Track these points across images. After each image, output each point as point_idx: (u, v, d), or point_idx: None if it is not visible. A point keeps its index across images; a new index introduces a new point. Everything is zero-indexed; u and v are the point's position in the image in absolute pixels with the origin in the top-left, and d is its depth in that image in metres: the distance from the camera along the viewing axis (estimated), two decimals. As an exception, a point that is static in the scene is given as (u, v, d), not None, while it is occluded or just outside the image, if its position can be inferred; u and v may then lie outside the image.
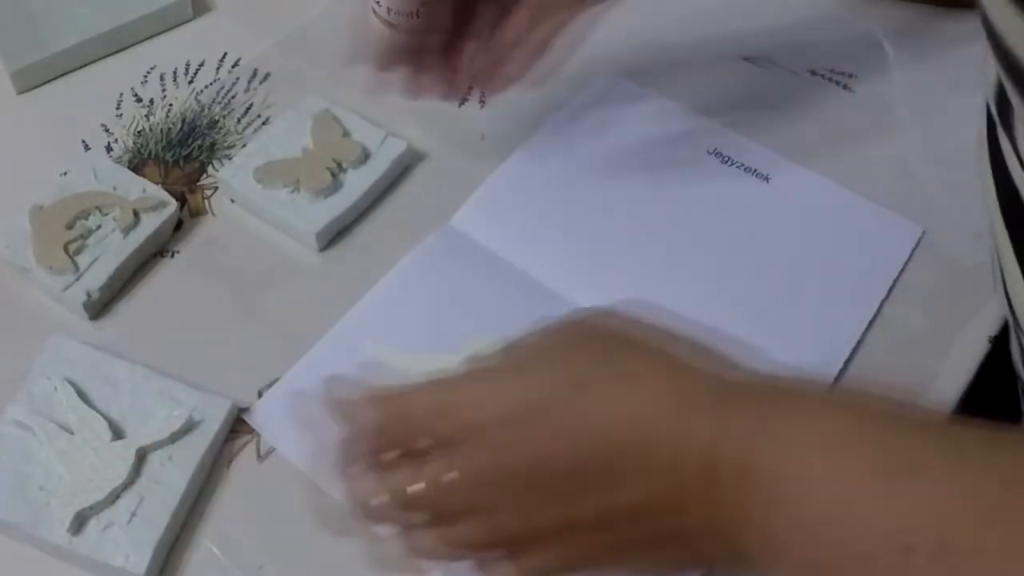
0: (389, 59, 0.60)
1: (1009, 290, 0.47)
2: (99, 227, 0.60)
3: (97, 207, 0.61)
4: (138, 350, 0.56)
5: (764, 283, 0.60)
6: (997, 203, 0.45)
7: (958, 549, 0.32)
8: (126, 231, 0.60)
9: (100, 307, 0.59)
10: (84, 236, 0.60)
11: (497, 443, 0.39)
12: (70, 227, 0.60)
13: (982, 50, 0.47)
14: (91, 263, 0.59)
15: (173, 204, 0.61)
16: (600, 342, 0.41)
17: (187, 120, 0.67)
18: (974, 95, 0.48)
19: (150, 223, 0.60)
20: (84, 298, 0.57)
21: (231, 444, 0.54)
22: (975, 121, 0.48)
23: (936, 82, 0.69)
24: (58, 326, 0.58)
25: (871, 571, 0.34)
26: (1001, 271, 0.48)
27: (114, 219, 0.60)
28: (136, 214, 0.60)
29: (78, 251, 0.59)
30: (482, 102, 0.68)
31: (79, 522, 0.50)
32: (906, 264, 0.61)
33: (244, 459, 0.54)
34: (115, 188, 0.62)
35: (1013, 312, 0.48)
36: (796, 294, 0.59)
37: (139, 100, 0.69)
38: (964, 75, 0.69)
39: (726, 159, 0.65)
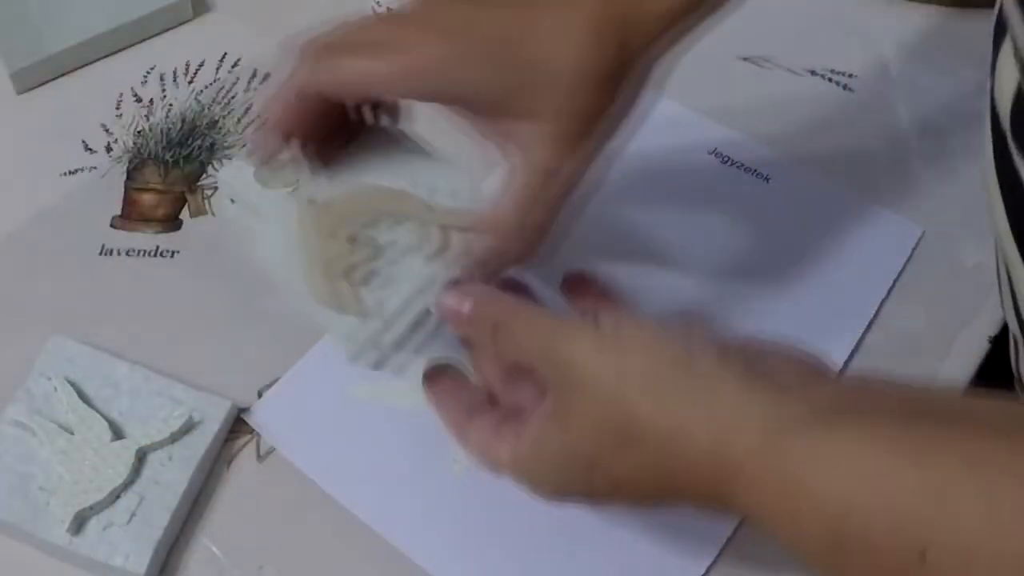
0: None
1: (1020, 306, 0.47)
2: (393, 244, 0.45)
3: (390, 214, 0.46)
4: (138, 350, 0.56)
5: (763, 283, 0.60)
6: (1007, 221, 0.45)
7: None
8: (432, 257, 0.45)
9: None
10: (373, 258, 0.44)
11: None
12: (352, 241, 0.44)
13: (985, 71, 0.47)
14: (386, 302, 0.44)
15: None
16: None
17: (187, 120, 0.67)
18: (974, 95, 0.48)
19: (463, 242, 0.46)
20: (375, 355, 0.45)
21: (231, 444, 0.54)
22: (980, 147, 0.48)
23: (936, 82, 0.69)
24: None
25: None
26: (1011, 288, 0.47)
27: (414, 234, 0.46)
28: (446, 233, 0.46)
29: (366, 280, 0.44)
30: (482, 102, 0.68)
31: (79, 522, 0.50)
32: (906, 264, 0.61)
33: (244, 459, 0.54)
34: (415, 185, 0.47)
35: (1022, 328, 0.48)
36: (795, 294, 0.59)
37: (139, 100, 0.69)
38: (964, 75, 0.69)
39: (726, 159, 0.65)
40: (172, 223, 0.63)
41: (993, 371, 0.58)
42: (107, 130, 0.67)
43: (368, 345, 0.44)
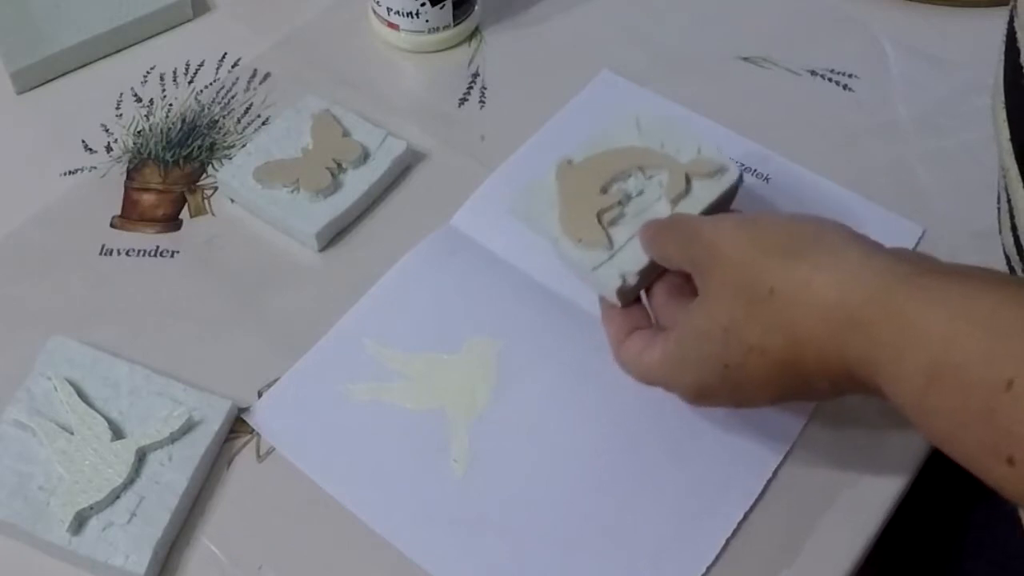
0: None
1: (1018, 226, 0.47)
2: (641, 193, 0.52)
3: (640, 167, 0.52)
4: (138, 350, 0.56)
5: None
6: (1011, 146, 0.46)
7: None
8: (675, 201, 0.52)
9: (628, 293, 0.51)
10: (623, 201, 0.51)
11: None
12: (605, 190, 0.52)
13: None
14: (628, 240, 0.51)
15: (735, 170, 0.53)
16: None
17: (187, 120, 0.67)
18: (974, 95, 0.48)
19: (704, 193, 0.52)
20: (619, 282, 0.51)
21: (231, 444, 0.54)
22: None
23: (936, 82, 0.69)
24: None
25: (978, 407, 0.37)
26: (1010, 210, 0.47)
27: (660, 183, 0.52)
28: (688, 180, 0.52)
29: (614, 221, 0.51)
30: (482, 102, 0.68)
31: (79, 522, 0.50)
32: (906, 264, 0.61)
33: (244, 459, 0.54)
34: (662, 145, 0.54)
35: (1020, 251, 0.48)
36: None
37: (139, 100, 0.69)
38: (964, 75, 0.69)
39: (726, 159, 0.65)
40: (172, 223, 0.63)
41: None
42: (107, 130, 0.67)
43: (607, 272, 0.51)
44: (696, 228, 0.48)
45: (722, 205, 0.54)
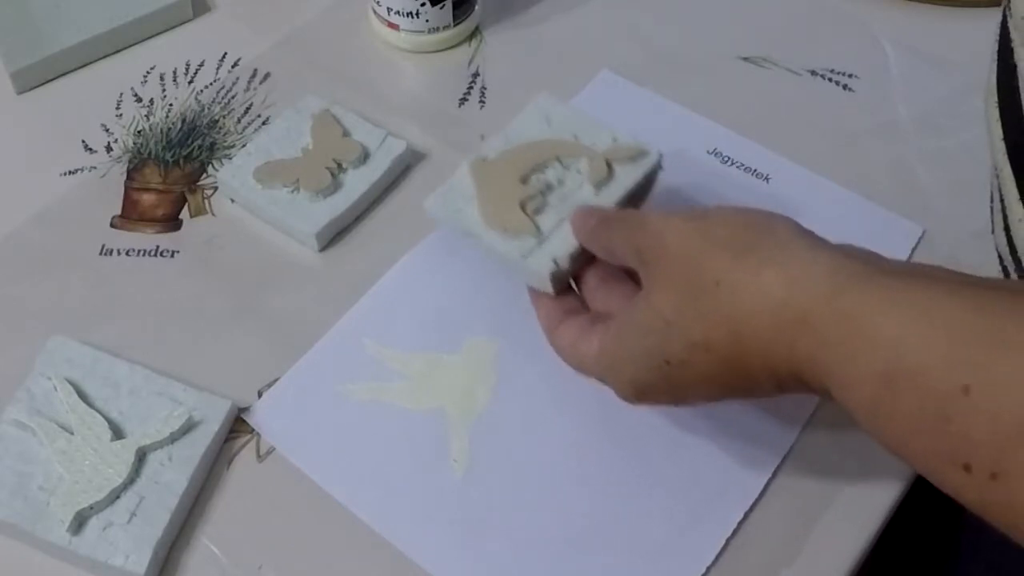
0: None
1: (1011, 226, 0.47)
2: (562, 183, 0.51)
3: (557, 157, 0.52)
4: (138, 350, 0.56)
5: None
6: (1004, 146, 0.46)
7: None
8: (598, 186, 0.51)
9: (561, 279, 0.51)
10: (545, 191, 0.51)
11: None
12: (524, 181, 0.51)
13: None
14: (558, 224, 0.50)
15: (655, 153, 0.53)
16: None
17: (187, 120, 0.67)
18: (974, 95, 0.48)
19: (626, 177, 0.51)
20: (552, 267, 0.50)
21: (231, 444, 0.54)
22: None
23: (936, 82, 0.69)
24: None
25: (933, 412, 0.36)
26: (1003, 209, 0.47)
27: (579, 172, 0.51)
28: (609, 166, 0.52)
29: (538, 210, 0.51)
30: (482, 102, 0.68)
31: (79, 522, 0.50)
32: (906, 264, 0.61)
33: (244, 459, 0.54)
34: (576, 136, 0.54)
35: (1013, 250, 0.48)
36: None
37: (139, 100, 0.69)
38: (964, 75, 0.69)
39: (726, 159, 0.65)
40: (172, 223, 0.63)
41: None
42: (107, 130, 0.67)
43: (538, 259, 0.50)
44: (643, 220, 0.47)
45: (644, 188, 0.53)
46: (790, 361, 0.41)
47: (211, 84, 0.69)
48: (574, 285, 0.53)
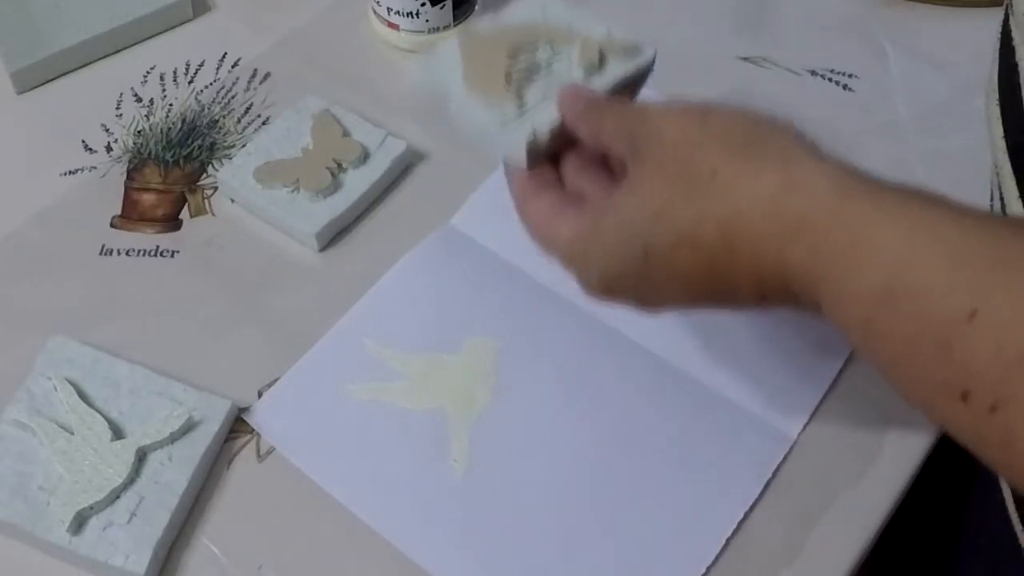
0: None
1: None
2: (551, 64, 0.49)
3: (549, 41, 0.50)
4: (138, 350, 0.56)
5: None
6: (1004, 144, 0.46)
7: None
8: (588, 72, 0.49)
9: (538, 153, 0.48)
10: (531, 70, 0.49)
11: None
12: (512, 56, 0.49)
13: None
14: (542, 100, 0.48)
15: (651, 51, 0.51)
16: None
17: (187, 120, 0.67)
18: (974, 95, 0.48)
19: (617, 68, 0.50)
20: (530, 137, 0.47)
21: (231, 444, 0.54)
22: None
23: (936, 82, 0.69)
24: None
25: (933, 337, 0.35)
26: (1003, 207, 0.48)
27: (570, 59, 0.50)
28: (602, 56, 0.50)
29: (523, 83, 0.48)
30: (482, 102, 0.68)
31: (79, 522, 0.50)
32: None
33: (244, 459, 0.54)
34: (570, 27, 0.51)
35: None
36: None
37: (139, 100, 0.69)
38: (964, 75, 0.69)
39: (726, 159, 0.65)
40: (172, 223, 0.63)
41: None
42: (107, 130, 0.67)
43: (515, 130, 0.48)
44: (641, 107, 0.45)
45: (634, 87, 0.52)
46: (780, 266, 0.39)
47: (211, 84, 0.69)
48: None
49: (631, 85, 0.52)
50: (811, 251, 0.38)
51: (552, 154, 0.49)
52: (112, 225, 0.62)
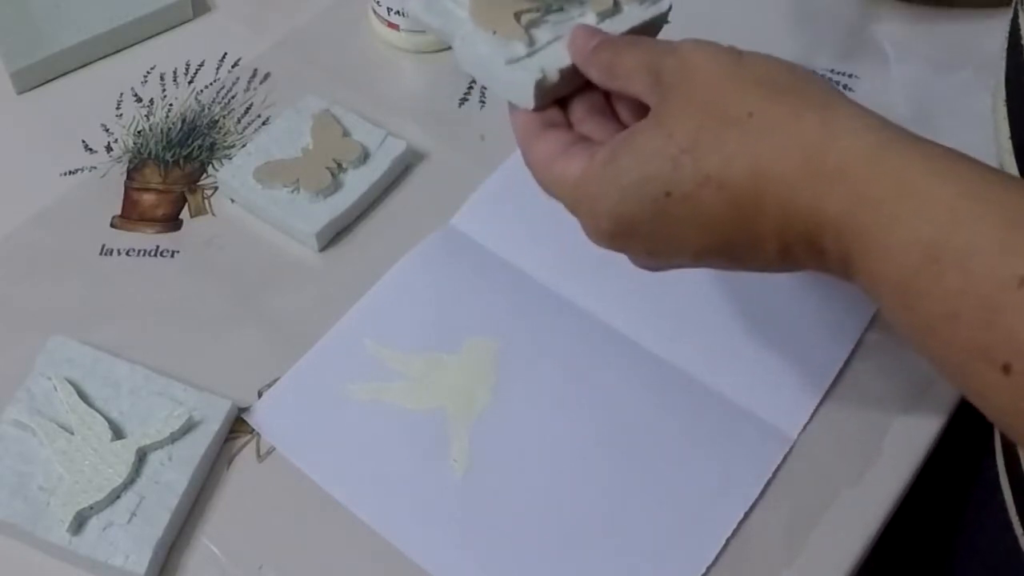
0: None
1: None
2: (561, 9, 0.48)
3: None
4: (138, 350, 0.56)
5: (765, 281, 0.60)
6: (1011, 145, 0.45)
7: None
8: (602, 16, 0.48)
9: (546, 93, 0.46)
10: (542, 12, 0.47)
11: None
12: None
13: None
14: (552, 40, 0.46)
15: (667, 3, 0.50)
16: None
17: (187, 120, 0.67)
18: (974, 95, 0.48)
19: (632, 14, 0.48)
20: (539, 75, 0.45)
21: (231, 444, 0.54)
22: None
23: (936, 82, 0.69)
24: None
25: (979, 300, 0.33)
26: None
27: (583, 2, 0.48)
28: (616, 1, 0.48)
29: (533, 24, 0.47)
30: (482, 102, 0.68)
31: (79, 522, 0.50)
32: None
33: (244, 459, 0.54)
34: None
35: None
36: (797, 293, 0.59)
37: (139, 100, 0.69)
38: (964, 75, 0.69)
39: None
40: (172, 223, 0.63)
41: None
42: (107, 130, 0.67)
43: (524, 69, 0.45)
44: (667, 43, 0.42)
45: (648, 33, 0.50)
46: (813, 216, 0.36)
47: (211, 84, 0.69)
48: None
49: (645, 33, 0.50)
50: (851, 201, 0.35)
51: (559, 99, 0.46)
52: (112, 225, 0.62)
